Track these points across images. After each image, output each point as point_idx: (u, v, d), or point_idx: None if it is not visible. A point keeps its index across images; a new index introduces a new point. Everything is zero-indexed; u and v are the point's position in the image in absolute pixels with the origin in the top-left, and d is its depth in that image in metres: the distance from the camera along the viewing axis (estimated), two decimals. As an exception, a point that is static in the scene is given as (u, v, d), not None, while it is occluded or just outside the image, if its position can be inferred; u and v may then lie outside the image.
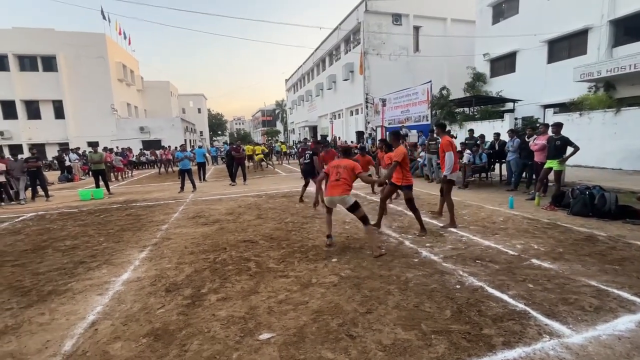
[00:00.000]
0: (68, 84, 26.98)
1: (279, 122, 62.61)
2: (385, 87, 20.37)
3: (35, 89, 26.45)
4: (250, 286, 3.36)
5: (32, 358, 2.37)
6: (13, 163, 10.29)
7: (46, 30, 26.84)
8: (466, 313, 2.65)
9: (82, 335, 2.62)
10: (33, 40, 25.85)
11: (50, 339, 2.59)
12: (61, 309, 3.09)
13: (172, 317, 2.82)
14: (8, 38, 25.43)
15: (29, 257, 4.68)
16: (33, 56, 26.49)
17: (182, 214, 7.12)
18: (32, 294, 3.44)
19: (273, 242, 4.77)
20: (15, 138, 26.41)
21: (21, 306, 3.17)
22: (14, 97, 26.13)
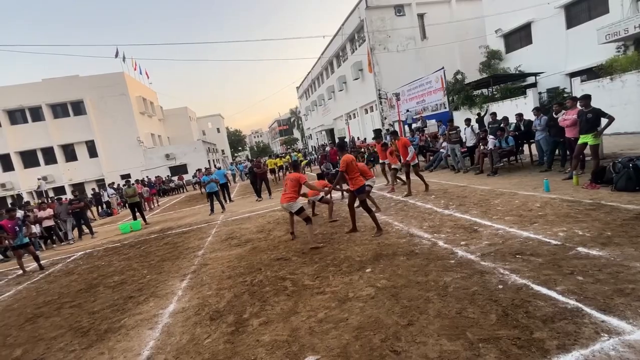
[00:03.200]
0: (97, 123, 28.82)
1: (295, 129, 63.24)
2: (397, 81, 20.05)
3: (69, 133, 28.47)
4: (289, 306, 3.42)
5: (99, 398, 2.54)
6: (59, 207, 11.11)
7: (72, 77, 28.87)
8: (513, 316, 2.55)
9: (140, 373, 2.78)
10: (61, 88, 27.90)
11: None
12: (118, 346, 3.29)
13: (220, 347, 2.93)
14: (40, 90, 27.62)
15: (83, 296, 5.03)
16: (63, 103, 28.57)
17: (215, 237, 7.37)
18: (90, 333, 3.69)
19: (305, 257, 4.82)
20: (58, 181, 28.49)
21: (83, 347, 3.41)
22: (51, 143, 28.26)
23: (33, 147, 28.01)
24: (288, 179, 5.57)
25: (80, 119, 28.70)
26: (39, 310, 4.77)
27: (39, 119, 28.18)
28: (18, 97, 27.15)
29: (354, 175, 5.26)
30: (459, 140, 9.76)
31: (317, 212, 7.74)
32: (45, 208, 10.68)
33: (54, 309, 4.70)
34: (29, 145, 27.88)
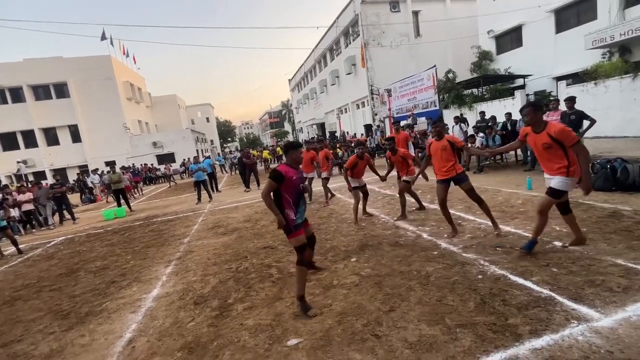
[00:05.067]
0: (81, 108, 27.93)
1: (286, 122, 62.85)
2: (390, 77, 20.12)
3: (51, 116, 27.51)
4: (274, 293, 3.45)
5: (79, 378, 2.53)
6: (39, 191, 10.79)
7: (55, 58, 27.81)
8: (490, 304, 2.64)
9: (121, 354, 2.77)
10: (44, 69, 26.85)
11: (92, 359, 2.75)
12: (99, 329, 3.26)
13: (203, 330, 2.94)
14: (21, 70, 26.52)
15: (64, 280, 4.93)
16: (46, 85, 27.53)
17: (202, 225, 7.31)
18: (71, 316, 3.64)
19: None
20: (38, 165, 27.58)
21: (63, 329, 3.36)
22: (32, 126, 27.27)
23: (13, 129, 26.97)
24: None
25: (63, 102, 27.75)
26: (17, 294, 4.66)
27: (19, 100, 27.12)
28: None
29: None
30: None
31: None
32: (25, 192, 10.35)
33: (33, 292, 4.61)
34: (8, 128, 26.83)
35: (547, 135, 3.17)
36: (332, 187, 8.89)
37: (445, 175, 4.25)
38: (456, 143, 4.25)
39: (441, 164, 4.26)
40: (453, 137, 4.46)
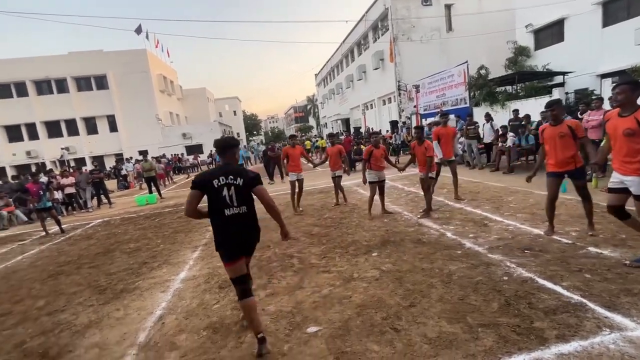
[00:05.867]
0: (118, 99, 29.44)
1: (311, 117, 63.03)
2: (418, 72, 19.61)
3: (91, 106, 29.19)
4: (295, 282, 3.54)
5: (114, 348, 2.73)
6: (80, 175, 11.55)
7: (96, 52, 29.40)
8: (515, 306, 2.57)
9: (152, 328, 2.96)
10: (86, 62, 28.48)
11: (126, 332, 2.96)
12: (132, 304, 3.49)
13: (227, 312, 3.08)
14: (65, 63, 28.28)
15: (101, 259, 5.30)
16: (87, 77, 29.22)
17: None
18: (107, 292, 3.92)
19: (313, 238, 4.92)
20: (79, 152, 29.42)
21: (100, 303, 3.63)
22: (75, 115, 29.09)
23: (57, 117, 28.90)
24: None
25: (102, 93, 29.36)
26: (60, 269, 5.06)
27: (63, 90, 28.96)
28: (45, 68, 27.88)
29: None
30: (477, 136, 9.59)
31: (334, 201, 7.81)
32: (68, 176, 11.12)
33: (74, 268, 4.98)
34: (54, 116, 28.77)
35: (635, 120, 2.74)
36: (353, 183, 8.88)
37: (561, 167, 3.67)
38: (578, 130, 3.56)
39: (557, 154, 3.64)
40: (575, 122, 3.74)
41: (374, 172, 5.62)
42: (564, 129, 3.57)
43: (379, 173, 5.63)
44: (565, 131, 3.56)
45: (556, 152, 3.66)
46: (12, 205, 10.39)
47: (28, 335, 3.11)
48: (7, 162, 28.09)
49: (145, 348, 2.67)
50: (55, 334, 3.07)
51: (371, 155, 5.58)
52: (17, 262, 5.80)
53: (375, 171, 5.62)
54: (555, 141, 3.64)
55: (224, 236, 2.42)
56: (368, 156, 5.62)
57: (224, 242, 2.43)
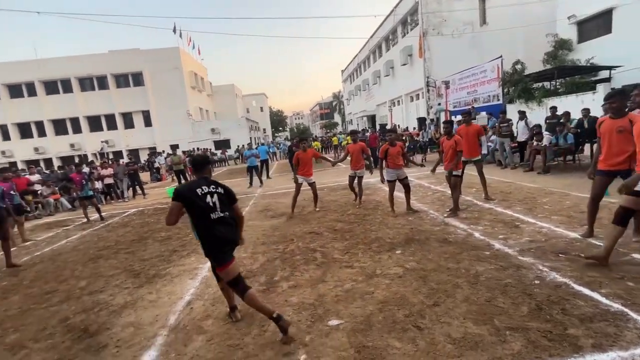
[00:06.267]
0: (152, 95, 30.86)
1: (336, 113, 62.85)
2: (448, 68, 18.95)
3: (128, 102, 30.82)
4: (318, 275, 3.57)
5: (147, 328, 2.90)
6: (117, 167, 12.26)
7: (134, 50, 30.92)
8: (547, 311, 2.46)
9: (181, 312, 3.11)
10: (124, 60, 30.06)
11: (158, 314, 3.13)
12: (164, 289, 3.68)
13: (251, 301, 3.16)
14: (105, 61, 30.00)
15: (136, 245, 5.62)
16: (125, 74, 30.84)
17: (253, 207, 7.74)
18: (141, 276, 4.15)
19: (336, 234, 4.94)
20: (117, 145, 31.20)
21: (135, 286, 3.86)
22: (113, 111, 30.84)
23: (98, 113, 30.78)
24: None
25: (138, 89, 30.89)
26: (100, 253, 5.42)
27: (104, 87, 30.77)
28: (87, 66, 29.73)
29: None
30: (510, 134, 9.15)
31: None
32: (107, 168, 11.85)
33: (112, 253, 5.32)
34: (95, 111, 30.67)
35: None
36: (378, 180, 8.78)
37: (614, 166, 3.30)
38: None
39: (611, 150, 3.27)
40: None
41: (392, 171, 5.55)
42: (625, 123, 3.14)
43: (397, 171, 5.54)
44: (625, 126, 3.13)
45: (610, 149, 3.28)
46: (58, 194, 11.23)
47: (71, 312, 3.38)
48: (53, 153, 30.33)
49: (175, 330, 2.82)
50: (95, 312, 3.30)
51: (387, 153, 5.51)
52: (62, 245, 6.28)
53: (392, 169, 5.54)
54: (611, 136, 3.25)
55: (213, 240, 2.53)
56: (384, 155, 5.56)
57: (214, 247, 2.53)
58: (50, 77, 29.66)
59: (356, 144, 6.60)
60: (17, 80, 29.39)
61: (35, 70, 29.17)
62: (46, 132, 30.56)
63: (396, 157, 5.49)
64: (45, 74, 29.48)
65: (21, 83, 29.67)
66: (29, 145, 30.15)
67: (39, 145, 30.24)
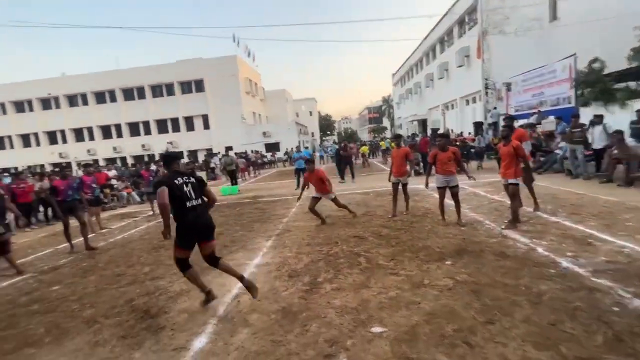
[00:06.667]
0: (211, 100, 33.23)
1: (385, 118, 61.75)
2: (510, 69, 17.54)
3: (191, 107, 33.57)
4: (362, 280, 3.52)
5: (198, 316, 3.10)
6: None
7: (197, 59, 33.65)
8: (629, 344, 2.12)
9: (229, 304, 3.28)
10: (189, 68, 32.87)
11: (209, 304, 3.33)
12: (215, 281, 3.91)
13: (295, 300, 3.22)
14: (173, 69, 33.07)
15: (191, 239, 6.05)
16: (189, 81, 33.68)
17: (299, 208, 7.90)
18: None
19: (382, 240, 4.82)
20: (180, 146, 34.04)
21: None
22: (178, 115, 33.82)
23: (165, 116, 33.99)
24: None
25: (199, 95, 33.51)
26: (161, 243, 5.94)
27: (171, 93, 33.92)
28: (158, 75, 33.07)
29: None
30: (584, 140, 8.15)
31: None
32: (170, 166, 13.00)
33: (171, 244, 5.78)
34: (163, 115, 33.92)
35: None
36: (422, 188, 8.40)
37: None
38: None
39: None
40: None
41: (441, 177, 5.24)
42: None
43: (446, 178, 5.21)
44: None
45: None
46: (130, 188, 12.60)
47: (136, 295, 3.74)
48: (128, 152, 34.11)
49: (224, 320, 2.97)
50: (156, 296, 3.62)
51: (436, 159, 5.23)
52: (131, 234, 7.01)
53: (442, 175, 5.23)
54: None
55: (184, 226, 3.03)
56: (433, 160, 5.29)
57: (183, 232, 3.07)
58: (128, 85, 33.50)
59: (399, 149, 6.26)
60: (102, 88, 33.69)
61: (116, 79, 33.21)
62: (122, 134, 34.51)
63: (446, 163, 5.19)
64: (124, 83, 33.39)
65: (104, 91, 33.95)
66: (109, 145, 34.29)
67: (116, 145, 34.24)
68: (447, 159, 5.15)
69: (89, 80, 33.33)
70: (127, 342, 2.77)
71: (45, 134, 34.79)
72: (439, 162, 5.21)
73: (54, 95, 33.90)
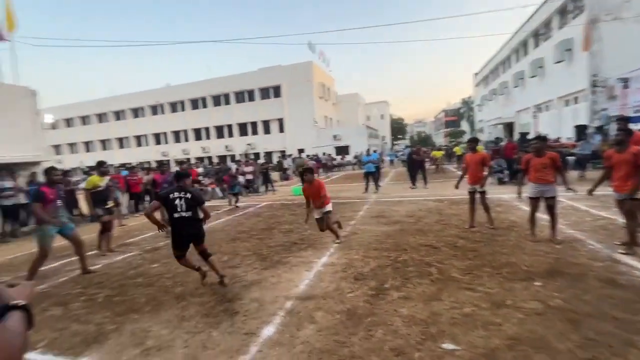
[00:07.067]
0: (287, 105, 35.14)
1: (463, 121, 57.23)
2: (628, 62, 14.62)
3: (268, 111, 36.00)
4: (432, 291, 3.30)
5: (267, 306, 3.28)
6: (256, 166, 14.47)
7: (276, 66, 35.98)
8: None
9: (297, 299, 3.39)
10: (268, 75, 35.35)
11: (278, 296, 3.50)
12: (284, 275, 4.10)
13: (360, 303, 3.18)
14: (254, 77, 35.94)
15: (264, 233, 6.47)
16: (268, 88, 36.19)
17: (366, 212, 7.81)
18: (267, 260, 4.75)
19: (457, 251, 4.46)
20: (257, 148, 36.82)
21: (262, 268, 4.44)
22: (257, 119, 36.61)
23: (246, 120, 37.13)
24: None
25: (277, 100, 35.73)
26: (238, 235, 6.49)
27: (252, 99, 36.91)
28: (241, 82, 36.33)
29: None
30: None
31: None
32: (249, 165, 14.13)
33: (247, 237, 6.28)
34: (244, 119, 37.10)
35: None
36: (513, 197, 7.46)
37: None
38: None
39: None
40: None
41: (534, 185, 4.57)
42: None
43: (541, 187, 4.52)
44: None
45: None
46: (214, 184, 14.06)
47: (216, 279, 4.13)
48: (214, 152, 38.15)
49: (291, 314, 3.09)
50: (232, 283, 3.95)
51: (529, 164, 4.59)
52: (213, 225, 7.79)
53: (536, 184, 4.56)
54: None
55: (173, 232, 3.75)
56: (525, 166, 4.66)
57: (173, 237, 3.79)
58: (216, 92, 37.54)
59: (475, 154, 5.69)
60: (196, 95, 38.41)
61: (207, 87, 37.51)
62: (210, 136, 38.76)
63: (541, 171, 4.52)
64: (213, 90, 37.53)
65: (198, 98, 38.62)
66: (199, 145, 38.86)
67: (205, 145, 38.61)
68: (542, 165, 4.50)
69: (187, 89, 38.34)
70: (208, 321, 3.08)
71: (153, 136, 41.07)
72: (532, 169, 4.59)
73: (160, 103, 39.86)
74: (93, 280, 4.50)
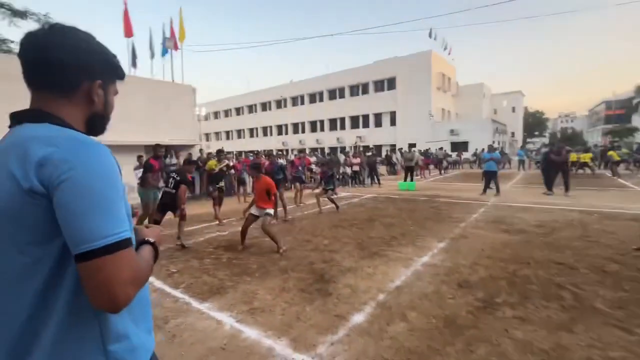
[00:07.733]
0: (400, 97, 33.90)
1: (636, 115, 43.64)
2: None
3: (381, 104, 35.53)
4: (562, 319, 2.67)
5: (360, 295, 3.28)
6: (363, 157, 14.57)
7: (392, 58, 35.02)
8: None
9: (390, 293, 3.28)
10: (383, 68, 34.75)
11: (371, 286, 3.46)
12: (380, 268, 4.02)
13: (462, 313, 2.84)
14: (370, 70, 35.89)
15: (365, 224, 6.48)
16: (382, 80, 35.64)
17: (482, 215, 6.90)
18: (365, 250, 4.74)
19: (606, 277, 3.48)
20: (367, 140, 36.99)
21: (359, 257, 4.46)
22: (369, 111, 36.66)
23: (358, 113, 37.68)
24: None
25: (390, 92, 34.86)
26: (340, 223, 6.69)
27: (366, 92, 37.09)
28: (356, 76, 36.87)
29: None
30: None
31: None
32: (357, 157, 14.36)
33: (348, 225, 6.42)
34: (356, 112, 37.74)
35: None
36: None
37: None
38: None
39: None
40: None
41: None
42: None
43: None
44: None
45: None
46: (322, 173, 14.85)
47: (315, 259, 4.39)
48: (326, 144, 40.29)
49: (382, 307, 3.01)
50: (330, 266, 4.12)
51: None
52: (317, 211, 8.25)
53: None
54: None
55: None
56: None
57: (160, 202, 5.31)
58: (333, 86, 39.25)
59: None
60: (313, 90, 41.09)
61: (325, 82, 39.60)
62: (324, 128, 41.02)
63: None
64: (329, 85, 39.39)
65: (315, 92, 41.24)
66: (314, 137, 41.68)
67: (319, 137, 41.14)
68: None
69: (307, 84, 41.42)
70: (304, 296, 3.30)
71: (276, 127, 46.24)
72: None
73: (283, 98, 44.39)
74: (221, 243, 5.42)
